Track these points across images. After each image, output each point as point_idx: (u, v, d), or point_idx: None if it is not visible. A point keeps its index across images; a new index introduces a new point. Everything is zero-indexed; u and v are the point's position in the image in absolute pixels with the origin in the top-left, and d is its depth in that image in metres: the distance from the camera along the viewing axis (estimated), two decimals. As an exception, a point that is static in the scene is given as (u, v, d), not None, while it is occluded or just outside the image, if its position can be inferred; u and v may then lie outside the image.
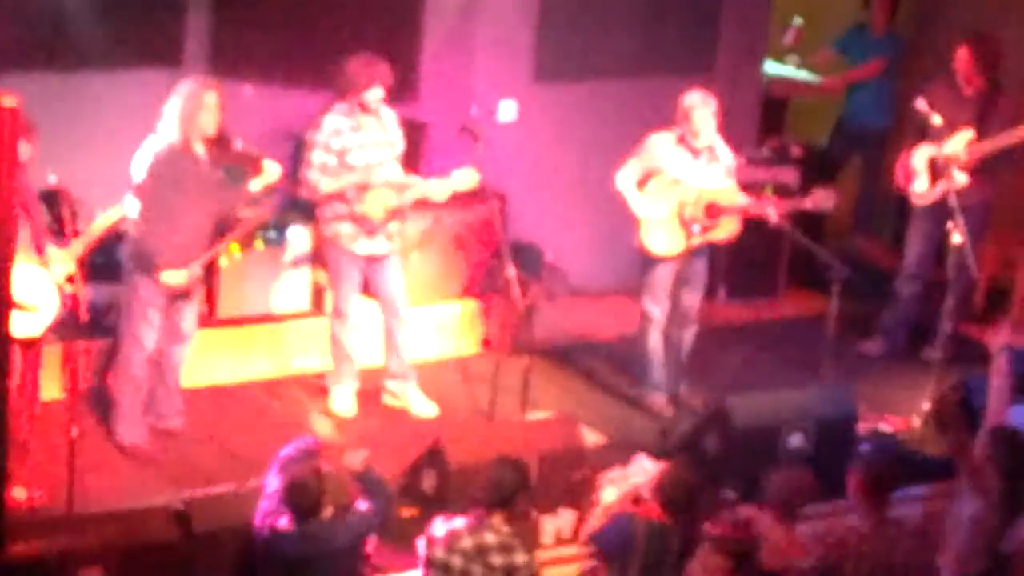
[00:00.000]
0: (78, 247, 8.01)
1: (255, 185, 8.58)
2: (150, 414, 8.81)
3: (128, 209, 8.26)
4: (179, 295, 8.52)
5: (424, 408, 9.22)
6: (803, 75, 12.39)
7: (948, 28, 11.37)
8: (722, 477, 8.59)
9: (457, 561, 6.82)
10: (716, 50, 11.27)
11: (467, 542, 6.83)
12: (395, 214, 8.99)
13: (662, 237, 9.22)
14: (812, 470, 7.60)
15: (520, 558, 6.84)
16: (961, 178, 9.83)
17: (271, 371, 9.59)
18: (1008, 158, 9.99)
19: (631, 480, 8.10)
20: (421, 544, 7.01)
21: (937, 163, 9.99)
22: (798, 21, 12.33)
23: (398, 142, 9.10)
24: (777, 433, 8.72)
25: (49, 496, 7.90)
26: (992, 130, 9.83)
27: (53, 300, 7.92)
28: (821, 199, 9.27)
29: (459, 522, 6.91)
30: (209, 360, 9.37)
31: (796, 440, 8.77)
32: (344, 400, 9.22)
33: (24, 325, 7.77)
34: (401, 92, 10.09)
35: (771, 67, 12.20)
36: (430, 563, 6.89)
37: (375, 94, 8.89)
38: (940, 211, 9.99)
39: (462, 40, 10.39)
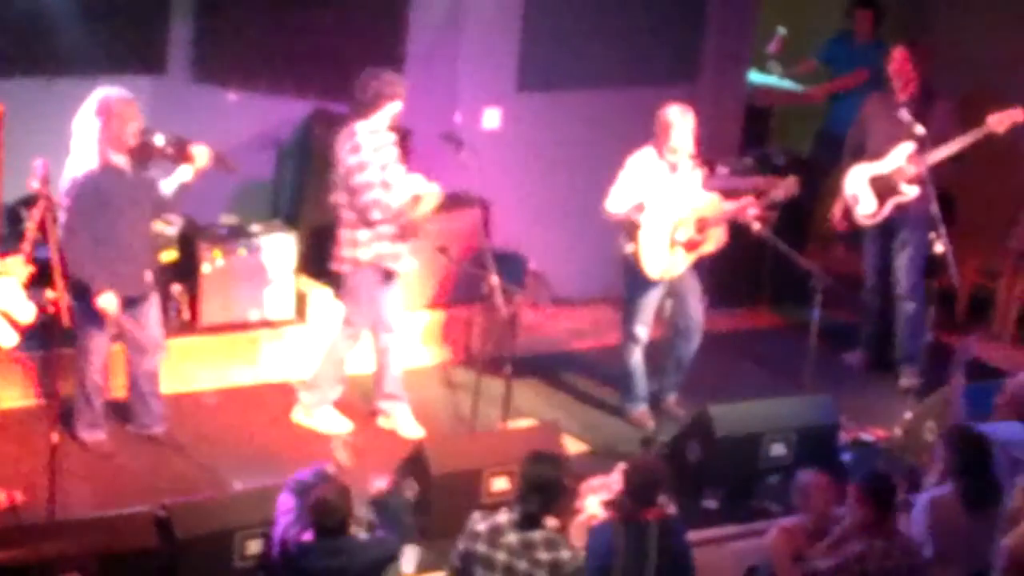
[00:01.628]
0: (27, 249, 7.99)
1: (186, 173, 8.43)
2: (132, 423, 8.81)
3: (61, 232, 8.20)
4: (129, 302, 8.46)
5: (413, 430, 9.16)
6: (787, 84, 12.43)
7: (932, 37, 11.40)
8: (704, 486, 8.62)
9: (502, 556, 6.77)
10: (700, 59, 11.29)
11: (512, 537, 6.76)
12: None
13: (659, 261, 9.21)
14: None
15: (566, 554, 6.79)
16: (912, 191, 9.85)
17: (254, 379, 9.58)
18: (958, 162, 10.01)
19: (613, 489, 8.11)
20: (460, 539, 6.92)
21: (879, 181, 10.00)
22: (782, 30, 12.37)
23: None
24: (759, 442, 8.75)
25: (30, 502, 7.88)
26: (932, 135, 9.83)
27: (26, 308, 7.92)
28: (788, 186, 9.32)
29: (502, 517, 6.83)
30: (192, 367, 9.37)
31: (778, 449, 8.79)
32: (331, 415, 9.21)
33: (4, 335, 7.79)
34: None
35: (755, 76, 12.22)
36: (470, 557, 6.81)
37: (397, 108, 8.84)
38: (888, 223, 10.05)
39: (446, 49, 10.40)
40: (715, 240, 9.31)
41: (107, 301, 8.27)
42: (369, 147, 8.77)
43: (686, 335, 9.47)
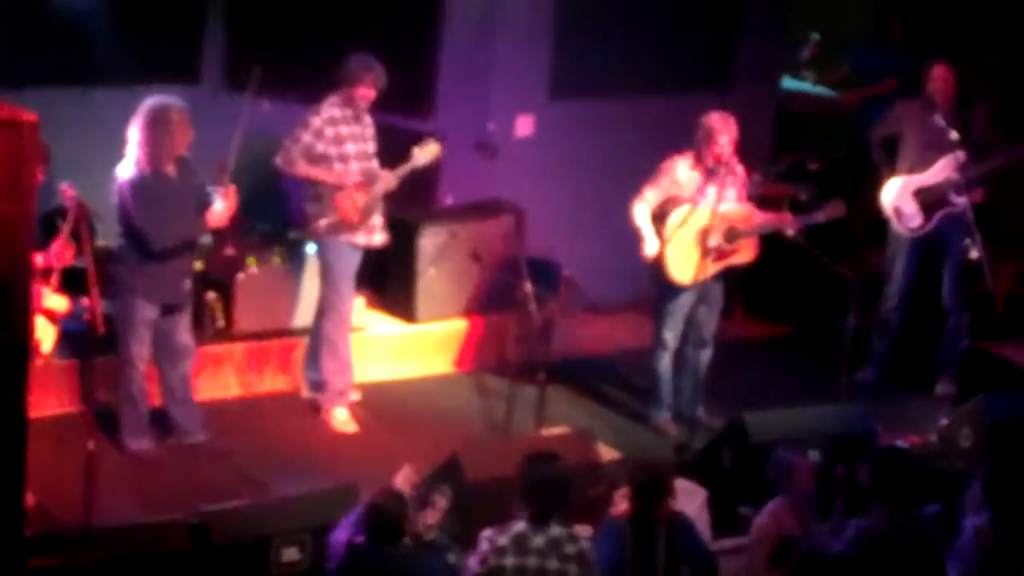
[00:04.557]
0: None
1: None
2: (173, 434, 8.81)
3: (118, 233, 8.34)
4: (166, 310, 8.53)
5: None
6: (820, 90, 12.40)
7: (964, 43, 11.37)
8: (738, 493, 8.60)
9: (532, 561, 6.71)
10: (733, 66, 11.29)
11: (539, 540, 6.72)
12: (369, 209, 9.01)
13: (685, 266, 9.19)
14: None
15: (585, 543, 6.78)
16: (962, 201, 9.78)
17: (288, 386, 9.60)
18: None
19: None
20: (474, 559, 6.81)
21: (925, 193, 9.92)
22: (815, 36, 12.35)
23: (374, 145, 9.15)
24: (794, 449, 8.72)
25: (66, 510, 7.90)
26: (975, 144, 9.75)
27: (61, 300, 8.00)
28: (833, 210, 9.29)
29: (520, 525, 6.76)
30: (226, 375, 9.39)
31: (814, 456, 8.75)
32: (344, 416, 9.23)
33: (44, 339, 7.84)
34: (418, 107, 10.17)
35: (788, 83, 12.21)
36: (500, 572, 6.71)
37: (364, 93, 8.94)
38: (928, 236, 9.97)
39: (479, 57, 10.42)
40: (746, 253, 9.28)
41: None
42: (327, 115, 8.94)
43: (694, 343, 9.45)
